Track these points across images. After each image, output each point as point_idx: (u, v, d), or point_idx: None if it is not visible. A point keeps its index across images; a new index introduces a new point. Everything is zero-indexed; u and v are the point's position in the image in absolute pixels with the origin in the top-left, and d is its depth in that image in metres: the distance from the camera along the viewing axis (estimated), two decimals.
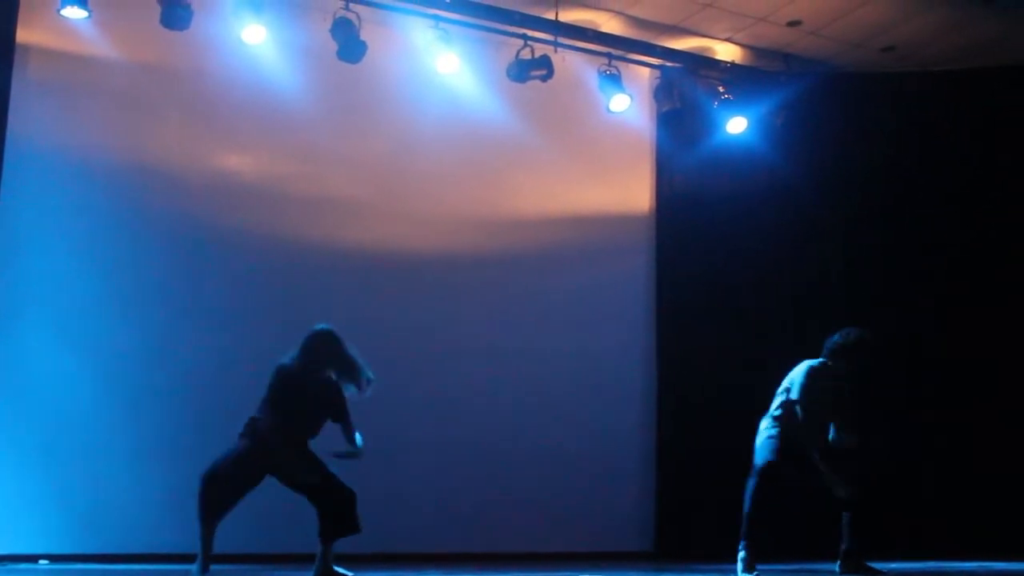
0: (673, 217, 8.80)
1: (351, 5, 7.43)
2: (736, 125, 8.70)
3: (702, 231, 8.72)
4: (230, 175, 7.74)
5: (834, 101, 8.89)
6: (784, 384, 6.09)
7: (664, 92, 8.62)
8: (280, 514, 6.03)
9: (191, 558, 5.35)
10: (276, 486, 5.49)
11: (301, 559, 5.89)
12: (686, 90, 8.66)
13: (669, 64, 8.68)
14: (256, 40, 7.33)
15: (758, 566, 5.76)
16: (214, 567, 5.42)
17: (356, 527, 5.44)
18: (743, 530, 5.81)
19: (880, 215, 8.90)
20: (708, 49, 8.69)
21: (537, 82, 7.98)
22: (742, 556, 5.78)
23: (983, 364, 8.54)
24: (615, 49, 8.42)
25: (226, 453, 5.37)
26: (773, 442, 5.94)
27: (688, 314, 8.59)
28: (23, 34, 7.05)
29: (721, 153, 8.82)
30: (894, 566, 6.36)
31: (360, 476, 5.60)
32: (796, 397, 5.95)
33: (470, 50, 7.99)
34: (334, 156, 7.98)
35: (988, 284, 8.72)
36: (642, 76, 8.78)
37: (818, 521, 6.44)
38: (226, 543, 5.45)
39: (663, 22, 8.25)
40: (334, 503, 5.42)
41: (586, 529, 8.12)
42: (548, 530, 7.94)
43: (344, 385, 5.51)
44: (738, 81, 8.79)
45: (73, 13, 6.94)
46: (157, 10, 7.01)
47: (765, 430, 6.05)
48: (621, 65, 8.41)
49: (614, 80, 8.31)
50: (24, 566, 6.54)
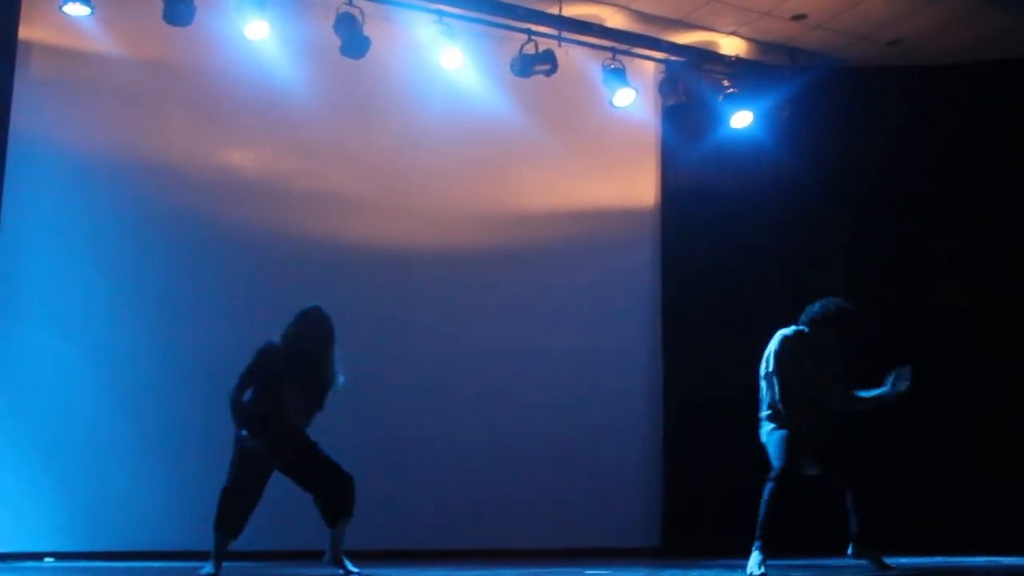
0: (678, 212, 8.79)
1: (354, 0, 7.41)
2: (741, 119, 8.68)
3: (707, 226, 8.70)
4: (233, 171, 7.73)
5: (840, 95, 8.86)
6: (763, 361, 5.82)
7: (669, 86, 8.61)
8: (285, 510, 5.99)
9: (195, 555, 5.33)
10: (280, 483, 5.46)
11: (306, 555, 5.88)
12: (691, 84, 8.66)
13: (674, 58, 8.66)
14: (259, 36, 7.32)
15: (768, 561, 5.66)
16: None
17: (350, 509, 5.37)
18: (758, 533, 5.58)
19: (886, 210, 8.85)
20: (713, 43, 8.67)
21: (541, 77, 7.96)
22: (757, 559, 5.54)
23: (985, 363, 8.49)
24: (619, 43, 8.40)
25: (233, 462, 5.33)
26: (782, 437, 5.71)
27: (693, 310, 8.57)
28: (25, 31, 7.05)
29: (726, 148, 8.79)
30: (904, 561, 6.31)
31: (366, 472, 5.59)
32: (772, 369, 5.71)
33: (474, 45, 7.97)
34: (337, 152, 7.97)
35: (992, 280, 8.67)
36: (647, 70, 8.76)
37: (829, 515, 6.37)
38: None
39: (668, 16, 8.22)
40: (332, 488, 5.36)
41: (592, 525, 8.09)
42: (554, 526, 7.92)
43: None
44: (743, 75, 8.75)
45: (75, 10, 6.95)
46: (159, 6, 7.00)
47: (767, 423, 5.83)
48: (625, 59, 8.38)
49: (618, 74, 8.28)
50: (29, 564, 6.54)
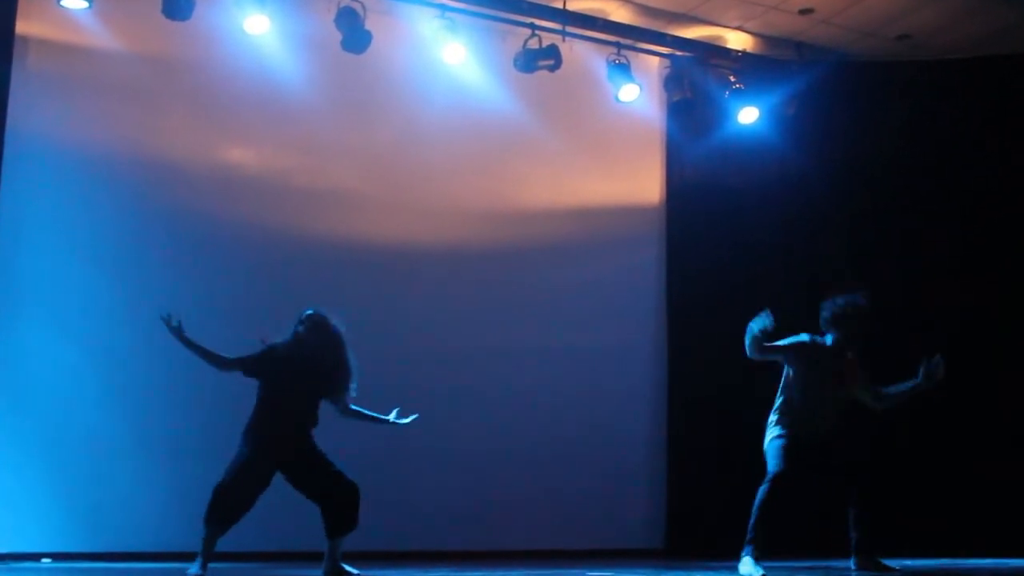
0: (683, 209, 8.74)
1: None
2: (747, 115, 8.63)
3: (713, 223, 8.65)
4: (233, 168, 7.68)
5: (847, 90, 8.82)
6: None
7: (674, 82, 8.54)
8: (285, 512, 5.94)
9: (193, 556, 5.27)
10: (280, 484, 5.41)
11: (306, 557, 5.83)
12: (696, 80, 8.60)
13: (679, 53, 8.60)
14: (259, 30, 7.27)
15: (765, 563, 5.60)
16: (220, 565, 5.38)
17: (354, 523, 5.34)
18: (749, 536, 5.59)
19: (892, 205, 8.79)
20: (719, 38, 8.60)
21: (545, 72, 7.90)
22: (749, 563, 5.53)
23: (987, 362, 8.40)
24: (624, 38, 8.35)
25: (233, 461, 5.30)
26: (781, 446, 5.70)
27: (698, 307, 8.50)
28: (23, 25, 7.00)
29: (732, 143, 8.75)
30: (907, 563, 6.25)
31: (368, 473, 5.55)
32: (790, 374, 5.80)
33: (476, 40, 7.91)
34: (338, 148, 7.92)
35: (997, 276, 8.62)
36: (652, 65, 8.70)
37: (830, 516, 6.32)
38: (230, 541, 5.35)
39: (673, 10, 8.18)
40: (337, 499, 5.32)
41: (596, 526, 8.07)
42: (558, 527, 7.90)
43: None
44: (749, 70, 8.71)
45: (73, 4, 6.92)
46: (158, 0, 6.95)
47: (771, 429, 5.83)
48: (630, 54, 8.33)
49: (623, 70, 8.22)
50: (27, 564, 6.50)
